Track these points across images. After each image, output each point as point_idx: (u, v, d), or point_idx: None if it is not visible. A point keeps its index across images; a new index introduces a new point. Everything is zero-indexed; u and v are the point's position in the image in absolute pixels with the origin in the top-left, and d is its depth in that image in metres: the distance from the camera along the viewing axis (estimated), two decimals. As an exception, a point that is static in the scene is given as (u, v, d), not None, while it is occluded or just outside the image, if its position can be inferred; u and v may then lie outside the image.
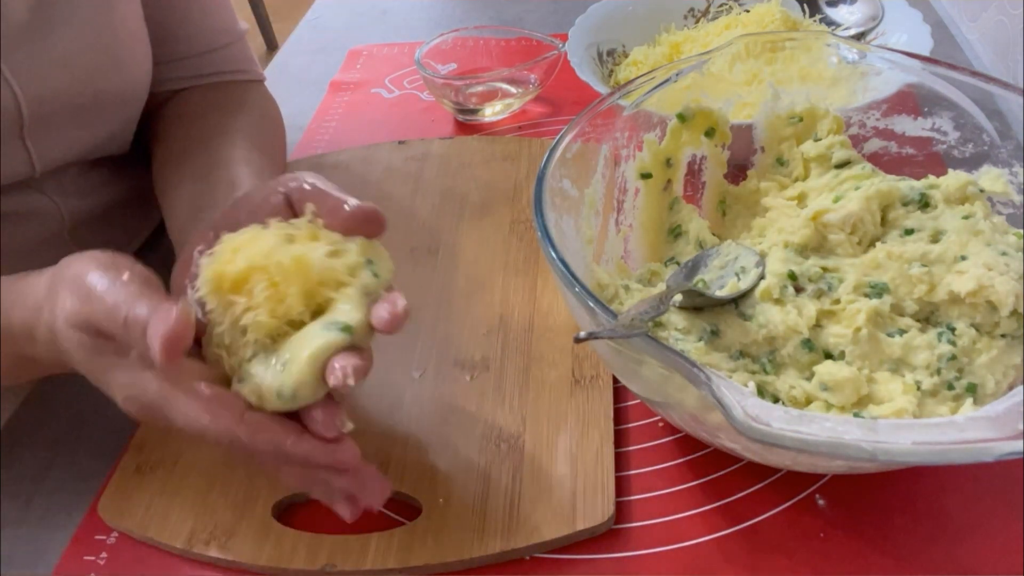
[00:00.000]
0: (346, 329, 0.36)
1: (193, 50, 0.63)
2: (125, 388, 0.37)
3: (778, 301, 0.44)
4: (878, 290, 0.44)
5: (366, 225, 0.40)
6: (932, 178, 0.49)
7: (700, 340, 0.43)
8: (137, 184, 0.63)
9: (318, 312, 0.38)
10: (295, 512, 0.46)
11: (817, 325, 0.43)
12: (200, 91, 0.63)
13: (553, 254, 0.41)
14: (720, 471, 0.46)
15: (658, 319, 0.45)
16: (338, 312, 0.37)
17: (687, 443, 0.48)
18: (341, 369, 0.35)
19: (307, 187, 0.41)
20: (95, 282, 0.37)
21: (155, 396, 0.37)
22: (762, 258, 0.47)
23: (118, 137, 0.60)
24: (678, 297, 0.46)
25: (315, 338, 0.36)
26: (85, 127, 0.56)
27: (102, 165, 0.61)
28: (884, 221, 0.49)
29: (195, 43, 0.63)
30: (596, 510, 0.44)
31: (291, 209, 0.42)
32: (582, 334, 0.36)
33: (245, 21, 0.67)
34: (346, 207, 0.40)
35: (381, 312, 0.37)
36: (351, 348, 0.36)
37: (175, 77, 0.63)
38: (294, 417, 0.37)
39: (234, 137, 0.57)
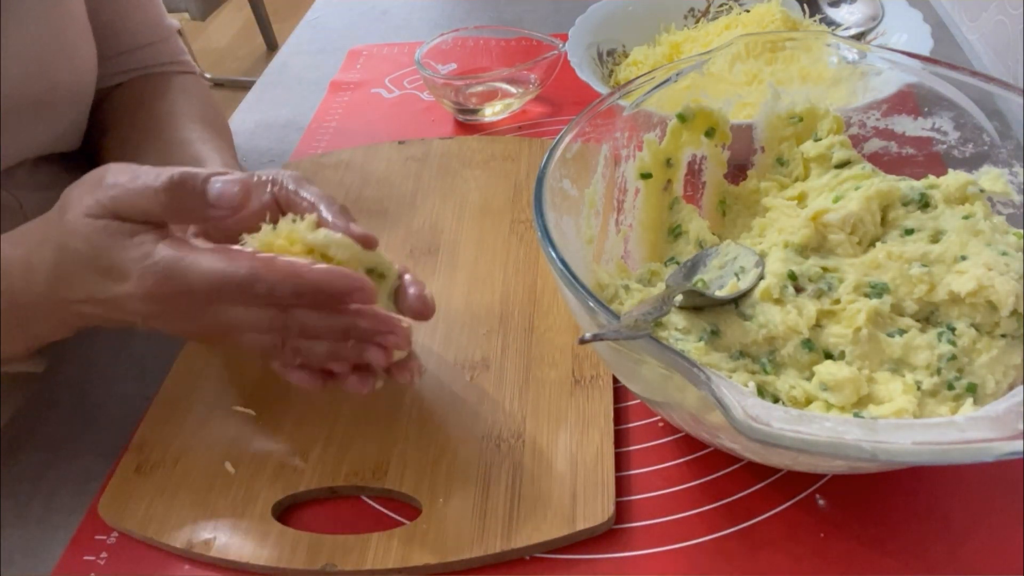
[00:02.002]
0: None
1: (134, 43, 0.64)
2: (141, 261, 0.39)
3: (778, 301, 0.44)
4: (878, 290, 0.44)
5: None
6: (932, 178, 0.49)
7: (700, 340, 0.43)
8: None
9: None
10: (295, 512, 0.46)
11: (817, 325, 0.43)
12: (140, 81, 0.65)
13: (553, 254, 0.41)
14: (720, 471, 0.46)
15: (658, 319, 0.45)
16: None
17: (687, 443, 0.48)
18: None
19: (297, 198, 0.44)
20: (119, 172, 0.40)
21: (172, 258, 0.39)
22: (761, 258, 0.47)
23: (70, 133, 0.61)
24: (678, 297, 0.46)
25: None
26: (40, 121, 0.56)
27: (53, 162, 0.61)
28: (884, 221, 0.49)
29: (135, 37, 0.64)
30: (596, 510, 0.44)
31: (278, 207, 0.45)
32: (587, 336, 0.36)
33: (241, 19, 0.68)
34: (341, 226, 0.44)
35: (412, 303, 0.44)
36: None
37: (115, 72, 0.64)
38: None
39: (184, 120, 0.59)
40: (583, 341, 0.36)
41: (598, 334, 0.36)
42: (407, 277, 0.45)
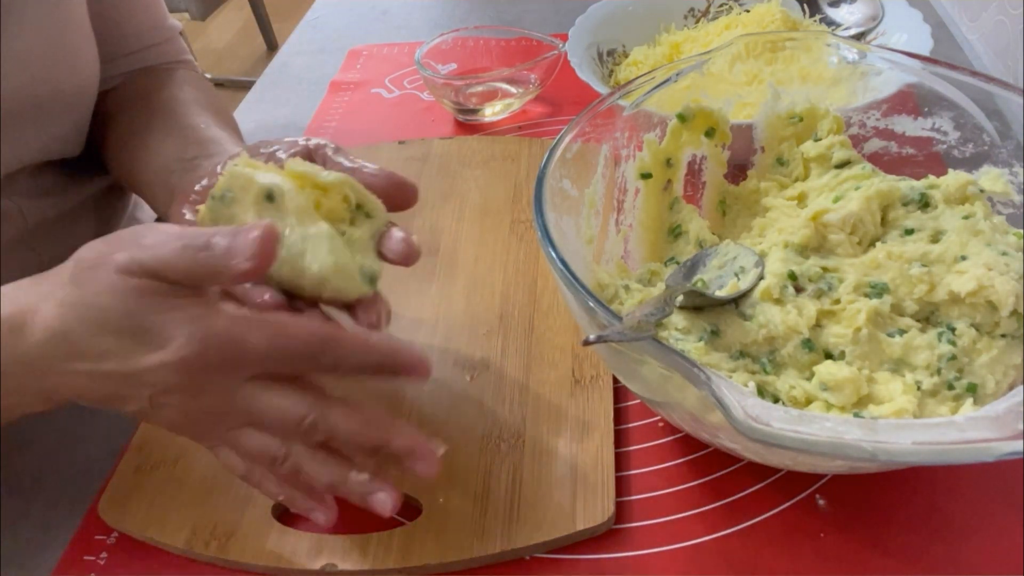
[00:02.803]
0: (372, 281, 0.41)
1: (138, 45, 0.64)
2: (191, 323, 0.35)
3: (778, 301, 0.44)
4: (878, 290, 0.44)
5: (397, 194, 0.43)
6: (932, 178, 0.49)
7: (700, 340, 0.43)
8: (90, 188, 0.64)
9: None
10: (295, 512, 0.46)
11: (817, 325, 0.43)
12: (142, 74, 0.64)
13: (553, 254, 0.41)
14: (720, 471, 0.46)
15: (660, 320, 0.45)
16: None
17: (687, 443, 0.48)
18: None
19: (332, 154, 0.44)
20: (155, 232, 0.37)
21: (227, 323, 0.36)
22: (761, 258, 0.47)
23: (72, 138, 0.61)
24: (679, 297, 0.46)
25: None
26: (41, 126, 0.56)
27: (55, 168, 0.61)
28: (884, 221, 0.49)
29: (138, 39, 0.64)
30: (596, 510, 0.44)
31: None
32: (591, 337, 0.36)
33: (241, 19, 0.68)
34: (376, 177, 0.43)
35: (394, 246, 0.42)
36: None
37: (118, 74, 0.64)
38: None
39: (192, 107, 0.59)
40: (587, 343, 0.36)
41: (602, 335, 0.36)
42: (397, 232, 0.43)
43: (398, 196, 0.43)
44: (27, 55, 0.52)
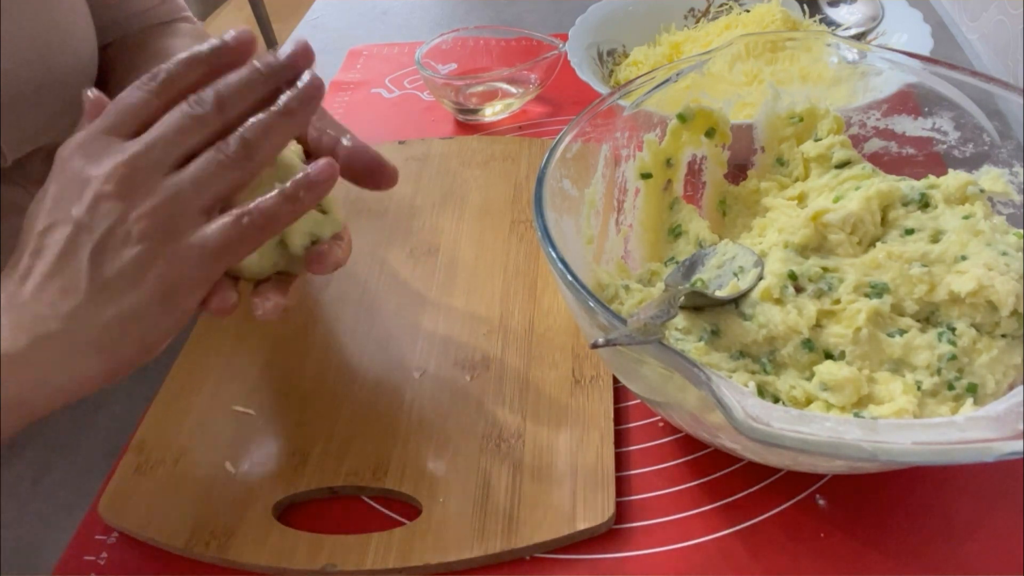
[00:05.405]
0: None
1: (137, 8, 0.64)
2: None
3: (778, 301, 0.44)
4: (878, 290, 0.44)
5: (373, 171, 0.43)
6: (932, 178, 0.49)
7: (700, 340, 0.43)
8: None
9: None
10: (295, 512, 0.46)
11: (817, 325, 0.43)
12: (142, 30, 0.64)
13: (553, 254, 0.41)
14: (720, 471, 0.46)
15: (666, 322, 0.45)
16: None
17: (687, 443, 0.48)
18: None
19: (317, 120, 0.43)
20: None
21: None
22: (760, 258, 0.47)
23: (76, 116, 0.60)
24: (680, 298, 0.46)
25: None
26: (42, 108, 0.55)
27: None
28: (884, 221, 0.49)
29: (138, 2, 0.64)
30: (596, 510, 0.44)
31: None
32: (599, 340, 0.36)
33: (241, 19, 0.68)
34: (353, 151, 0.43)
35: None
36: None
37: (120, 35, 0.63)
38: None
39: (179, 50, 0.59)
40: (595, 346, 0.36)
41: (609, 339, 0.36)
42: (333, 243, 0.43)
43: (376, 174, 0.43)
44: (21, 36, 0.51)
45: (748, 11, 0.76)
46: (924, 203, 0.48)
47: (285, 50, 0.40)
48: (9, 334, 0.35)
